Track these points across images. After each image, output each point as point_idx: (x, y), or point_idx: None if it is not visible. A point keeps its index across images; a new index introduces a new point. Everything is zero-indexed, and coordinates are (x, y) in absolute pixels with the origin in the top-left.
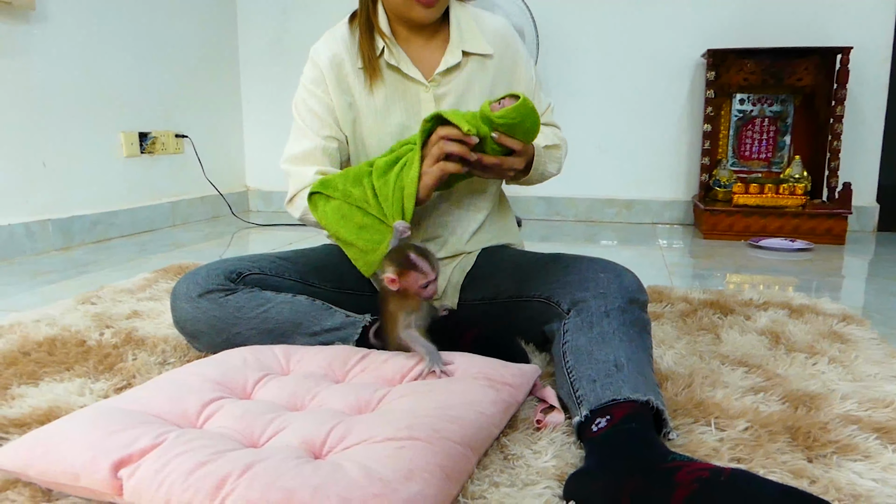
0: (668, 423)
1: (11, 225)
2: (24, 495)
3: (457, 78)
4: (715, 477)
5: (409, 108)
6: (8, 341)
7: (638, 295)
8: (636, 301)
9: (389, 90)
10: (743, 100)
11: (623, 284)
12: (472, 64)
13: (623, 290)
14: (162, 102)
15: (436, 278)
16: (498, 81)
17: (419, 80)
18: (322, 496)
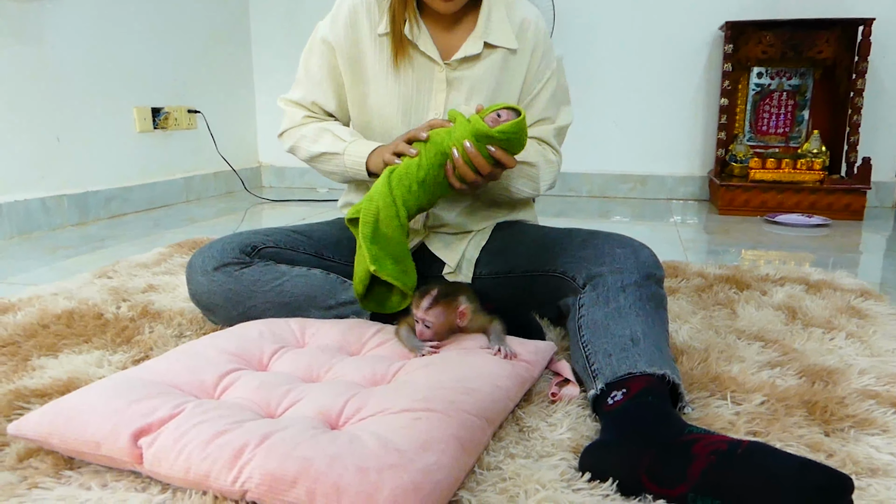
0: (684, 396)
1: (28, 200)
2: (46, 463)
3: (474, 67)
4: (732, 449)
5: (419, 83)
6: (27, 314)
7: (654, 270)
8: (652, 276)
9: (404, 62)
10: (761, 73)
11: (640, 259)
12: (494, 56)
13: (639, 266)
14: (174, 78)
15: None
16: (514, 78)
17: (435, 59)
18: (339, 465)
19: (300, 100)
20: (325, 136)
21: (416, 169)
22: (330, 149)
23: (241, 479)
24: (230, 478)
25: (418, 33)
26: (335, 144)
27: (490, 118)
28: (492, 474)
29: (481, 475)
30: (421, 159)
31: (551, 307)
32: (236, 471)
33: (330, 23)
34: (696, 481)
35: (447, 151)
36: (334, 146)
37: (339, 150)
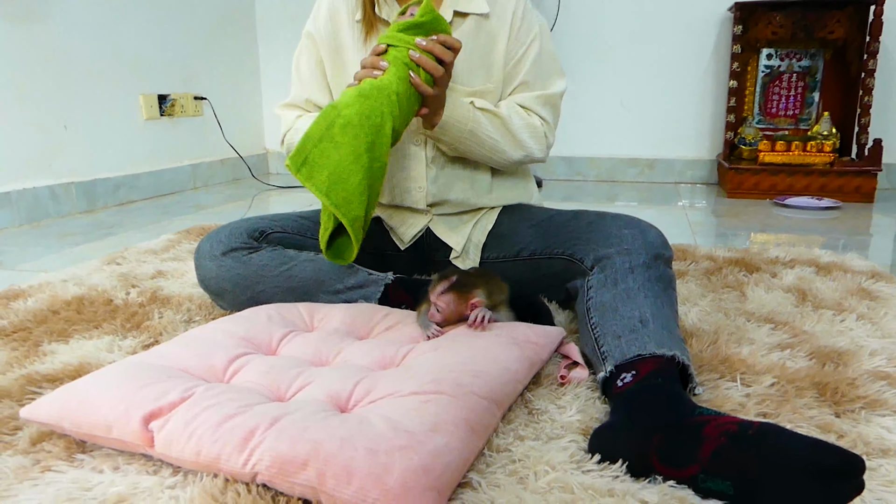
0: (694, 378)
1: (36, 188)
2: (58, 446)
3: None
4: (743, 431)
5: None
6: (38, 300)
7: (663, 251)
8: (661, 257)
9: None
10: (770, 55)
11: (648, 240)
12: (466, 24)
13: (648, 246)
14: (180, 65)
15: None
16: (495, 44)
17: None
18: (349, 447)
19: (293, 100)
20: (306, 121)
21: (395, 82)
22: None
23: (251, 461)
24: (241, 460)
25: (389, 11)
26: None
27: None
28: (501, 456)
29: (491, 457)
30: (390, 72)
31: (559, 290)
32: (247, 453)
33: (312, 17)
34: (707, 462)
35: (406, 60)
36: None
37: None
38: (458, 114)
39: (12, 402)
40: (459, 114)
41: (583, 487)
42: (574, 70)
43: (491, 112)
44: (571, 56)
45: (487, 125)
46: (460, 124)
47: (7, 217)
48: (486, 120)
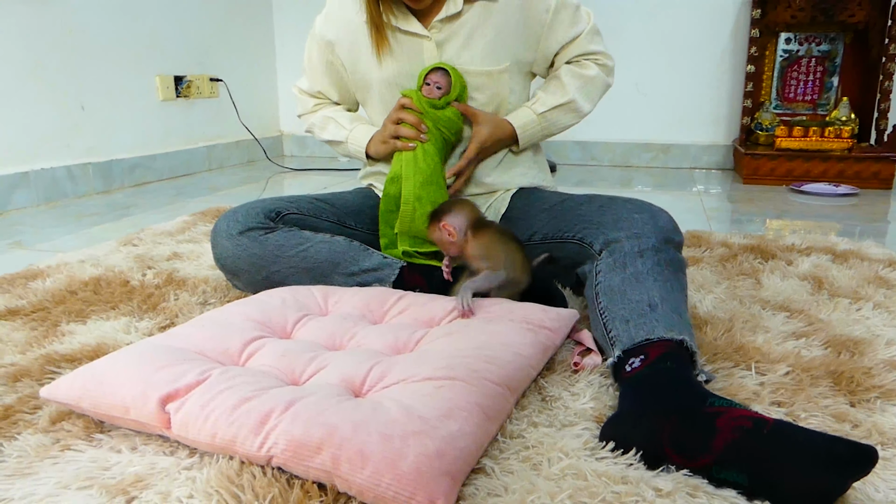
0: (698, 364)
1: (54, 168)
2: (77, 426)
3: (458, 25)
4: (758, 428)
5: (410, 59)
6: (56, 281)
7: (673, 235)
8: (671, 241)
9: (389, 45)
10: (789, 39)
11: (658, 224)
12: (475, 10)
13: (658, 230)
14: (196, 46)
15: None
16: (507, 22)
17: (419, 32)
18: (363, 432)
19: (308, 89)
20: (330, 124)
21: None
22: (335, 137)
23: (266, 444)
24: (256, 443)
25: (397, 15)
26: (338, 132)
27: (424, 91)
28: (515, 442)
29: (504, 443)
30: (431, 144)
31: (571, 275)
32: (262, 436)
33: (324, 19)
34: (720, 454)
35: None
36: (337, 134)
37: (342, 138)
38: (528, 133)
39: (32, 382)
40: (530, 133)
41: (596, 474)
42: None
43: (554, 108)
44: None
45: (553, 123)
46: (534, 137)
47: (25, 197)
48: (554, 116)
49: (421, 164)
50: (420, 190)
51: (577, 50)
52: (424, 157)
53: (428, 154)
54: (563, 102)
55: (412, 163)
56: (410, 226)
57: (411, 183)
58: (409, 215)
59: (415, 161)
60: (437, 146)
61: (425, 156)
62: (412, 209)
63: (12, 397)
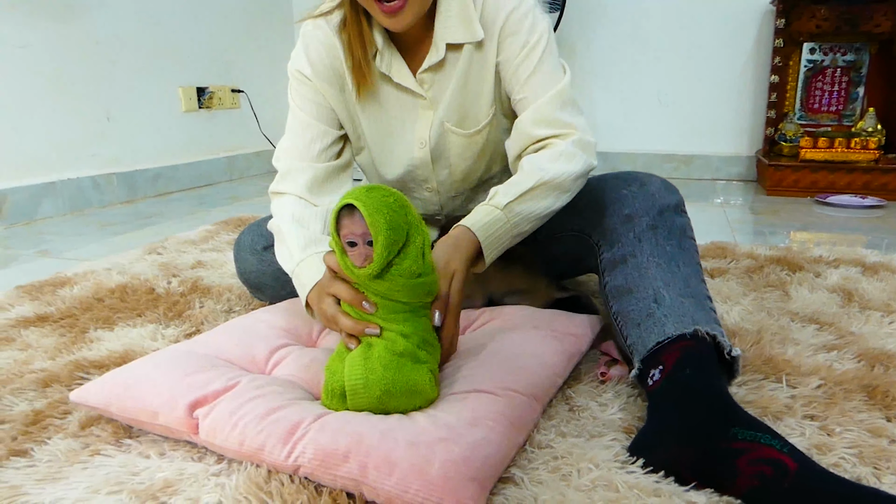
0: (725, 345)
1: (80, 178)
2: (107, 431)
3: (441, 77)
4: (778, 478)
5: (403, 114)
6: (83, 288)
7: (667, 199)
8: (667, 208)
9: (385, 102)
10: (813, 49)
11: (648, 193)
12: (464, 56)
13: (650, 202)
14: (218, 58)
15: None
16: (490, 65)
17: (412, 89)
18: (390, 439)
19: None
20: (282, 243)
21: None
22: (284, 264)
23: (294, 453)
24: (284, 452)
25: (391, 62)
26: (287, 261)
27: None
28: (543, 452)
29: (532, 453)
30: (392, 331)
31: (579, 269)
32: (290, 446)
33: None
34: (744, 495)
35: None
36: (286, 263)
37: (289, 270)
38: (492, 236)
39: (61, 387)
40: (494, 235)
41: (628, 486)
42: (611, 63)
43: (523, 194)
44: (608, 49)
45: (531, 208)
46: (502, 240)
47: (52, 206)
48: (524, 205)
49: (375, 371)
50: (376, 402)
51: (542, 110)
52: (380, 359)
53: (383, 351)
54: (533, 185)
55: (360, 370)
56: None
57: (362, 399)
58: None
59: (364, 365)
60: (400, 328)
61: (382, 356)
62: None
63: (42, 402)
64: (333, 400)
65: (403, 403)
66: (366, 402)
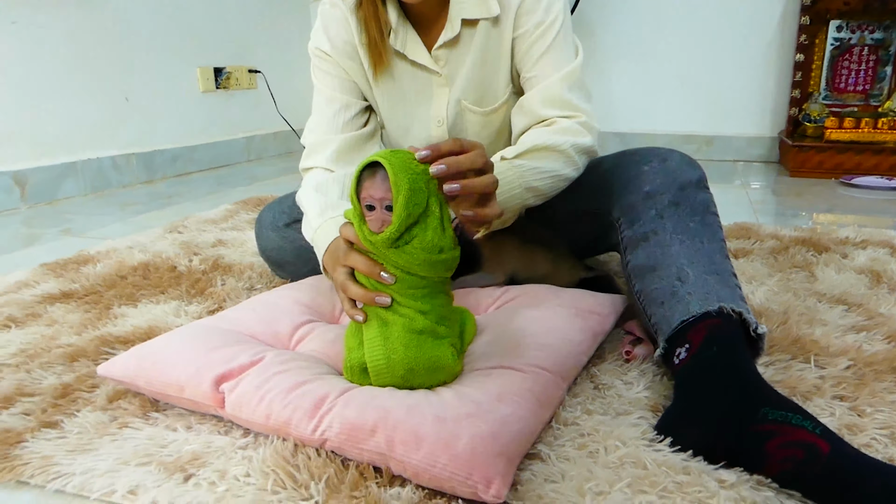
0: (752, 321)
1: (100, 158)
2: (134, 405)
3: (457, 54)
4: (810, 460)
5: (418, 93)
6: (106, 266)
7: (689, 175)
8: (688, 184)
9: (401, 80)
10: (840, 27)
11: (669, 169)
12: (479, 32)
13: (671, 178)
14: (235, 38)
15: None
16: (506, 41)
17: (427, 66)
18: (417, 414)
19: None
20: (304, 216)
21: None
22: (306, 234)
23: (321, 427)
24: (311, 426)
25: (405, 39)
26: (307, 230)
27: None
28: (569, 429)
29: (559, 430)
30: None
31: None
32: (317, 420)
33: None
34: (775, 478)
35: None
36: (307, 232)
37: (309, 238)
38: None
39: (88, 362)
40: (505, 184)
41: (656, 464)
42: (630, 42)
43: (521, 153)
44: (628, 27)
45: (532, 165)
46: (512, 188)
47: (73, 186)
48: (524, 161)
49: (397, 351)
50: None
51: (552, 89)
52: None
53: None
54: (532, 146)
55: (381, 350)
56: None
57: (385, 378)
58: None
59: (384, 345)
60: (418, 304)
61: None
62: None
63: (70, 376)
64: (354, 375)
65: (427, 379)
66: (389, 381)
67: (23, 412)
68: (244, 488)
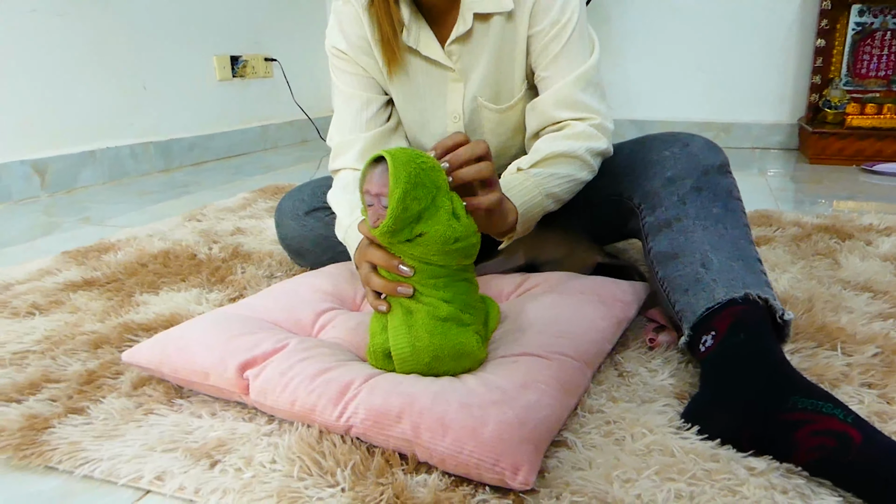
0: (778, 307)
1: (118, 147)
2: (158, 391)
3: (470, 49)
4: (842, 450)
5: (431, 87)
6: (126, 254)
7: (711, 159)
8: (711, 169)
9: (415, 77)
10: (863, 11)
11: (692, 154)
12: (493, 27)
13: (693, 163)
14: (251, 26)
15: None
16: (517, 35)
17: (440, 61)
18: (442, 401)
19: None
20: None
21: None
22: (339, 236)
23: (346, 414)
24: (336, 413)
25: (419, 35)
26: (339, 231)
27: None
28: (595, 417)
29: (584, 417)
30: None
31: (622, 234)
32: (342, 406)
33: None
34: (804, 466)
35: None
36: (339, 233)
37: (342, 239)
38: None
39: (112, 349)
40: (517, 191)
41: (684, 451)
42: (647, 28)
43: (537, 162)
44: (643, 13)
45: (549, 171)
46: (532, 195)
47: (91, 174)
48: (541, 169)
49: (421, 338)
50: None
51: (560, 96)
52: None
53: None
54: (547, 155)
55: (405, 337)
56: None
57: (410, 366)
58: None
59: (408, 333)
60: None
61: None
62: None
63: (95, 363)
64: (378, 360)
65: (452, 366)
66: (414, 368)
67: (49, 398)
68: (270, 475)
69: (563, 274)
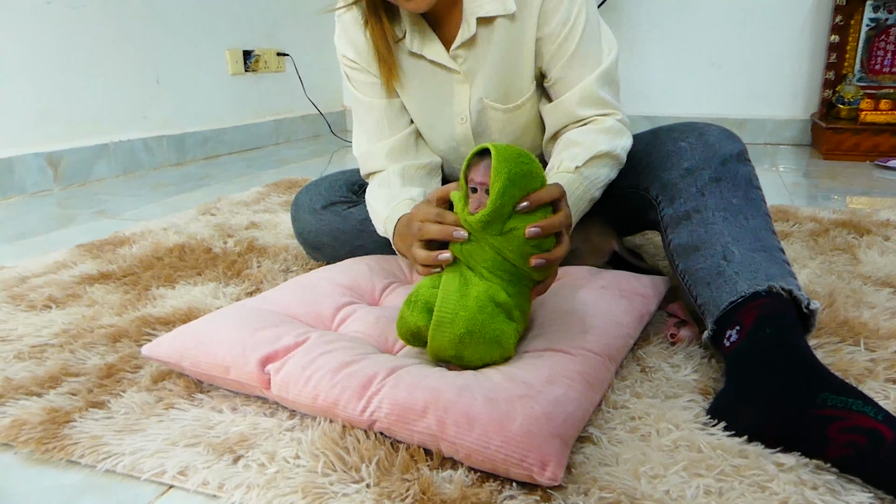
0: (803, 298)
1: (132, 140)
2: (179, 385)
3: (476, 52)
4: (873, 447)
5: (439, 89)
6: (141, 247)
7: (729, 148)
8: (729, 158)
9: (422, 80)
10: (877, 6)
11: (708, 143)
12: (497, 29)
13: (710, 153)
14: (264, 20)
15: None
16: (524, 36)
17: (446, 64)
18: (468, 396)
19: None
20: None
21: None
22: (379, 230)
23: (370, 408)
24: (359, 407)
25: (422, 40)
26: (379, 225)
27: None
28: (619, 412)
29: (608, 413)
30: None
31: (641, 226)
32: (365, 400)
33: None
34: (835, 463)
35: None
36: (379, 227)
37: (382, 231)
38: (573, 198)
39: (130, 342)
40: (574, 196)
41: (711, 447)
42: (660, 23)
43: (588, 161)
44: (657, 8)
45: (595, 174)
46: (581, 201)
47: (106, 167)
48: (590, 171)
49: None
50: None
51: (588, 89)
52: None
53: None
54: (596, 153)
55: (453, 303)
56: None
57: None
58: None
59: (458, 301)
60: (505, 285)
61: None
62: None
63: (114, 356)
64: (415, 311)
65: (480, 352)
66: (447, 338)
67: (69, 392)
68: (294, 470)
69: (583, 268)
